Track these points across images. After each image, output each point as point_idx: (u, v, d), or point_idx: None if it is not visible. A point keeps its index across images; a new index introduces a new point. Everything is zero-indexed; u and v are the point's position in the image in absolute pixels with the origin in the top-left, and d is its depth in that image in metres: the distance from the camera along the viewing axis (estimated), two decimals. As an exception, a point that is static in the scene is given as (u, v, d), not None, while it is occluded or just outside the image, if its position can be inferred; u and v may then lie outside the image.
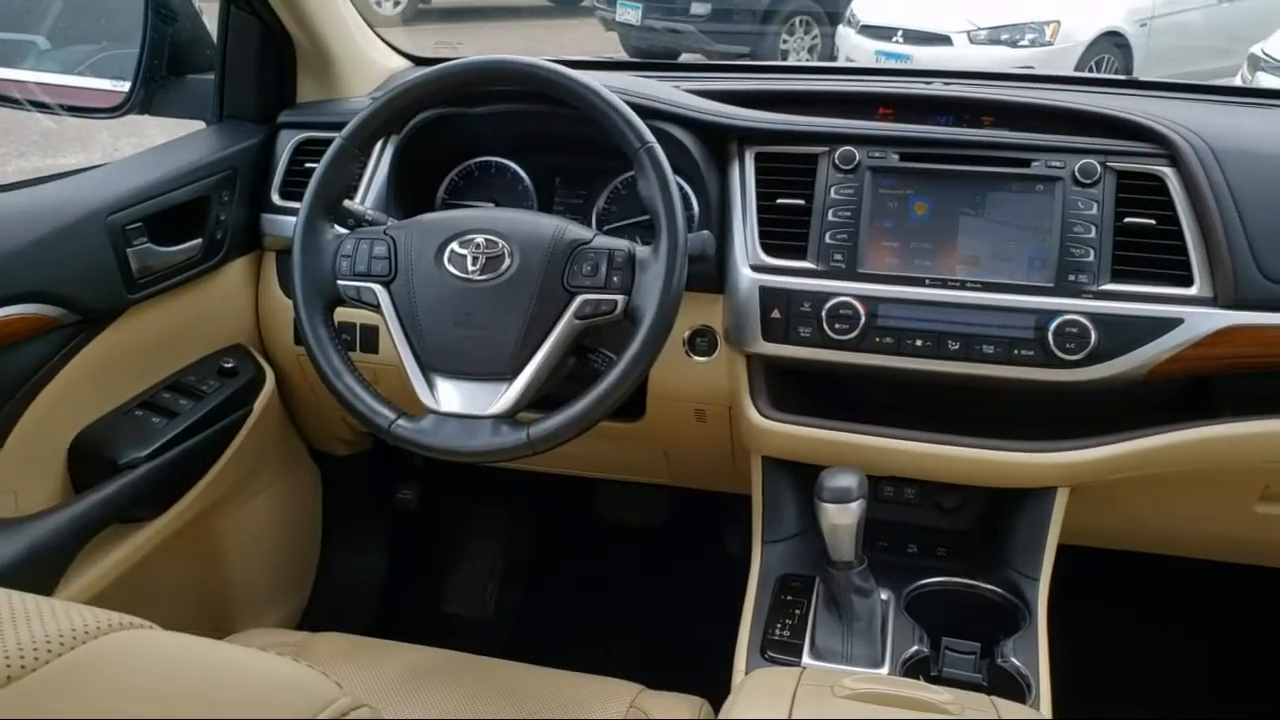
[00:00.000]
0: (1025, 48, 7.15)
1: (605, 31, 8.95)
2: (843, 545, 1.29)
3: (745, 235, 1.46)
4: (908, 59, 7.03)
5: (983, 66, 5.06)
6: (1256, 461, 1.40)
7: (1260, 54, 6.09)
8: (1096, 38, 7.33)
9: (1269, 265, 1.32)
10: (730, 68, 2.29)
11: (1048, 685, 1.26)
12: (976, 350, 1.37)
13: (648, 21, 8.36)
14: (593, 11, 9.41)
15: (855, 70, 1.97)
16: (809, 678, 1.06)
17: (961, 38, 7.22)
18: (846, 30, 7.65)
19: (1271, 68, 5.83)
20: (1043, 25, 7.19)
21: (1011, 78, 1.86)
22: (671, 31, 8.30)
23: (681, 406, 1.56)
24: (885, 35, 7.32)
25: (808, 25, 8.48)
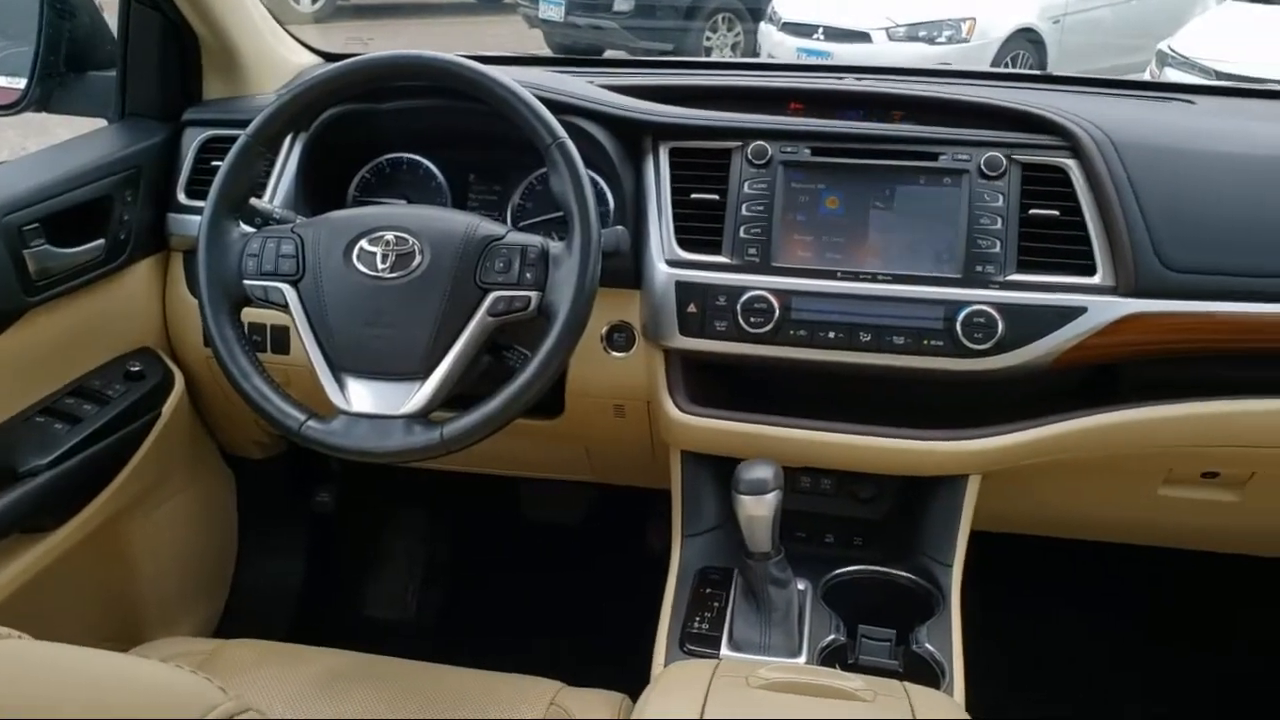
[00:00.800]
0: (942, 44, 7.28)
1: (529, 29, 8.90)
2: (759, 536, 1.30)
3: (661, 230, 1.46)
4: (828, 56, 7.10)
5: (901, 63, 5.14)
6: (1160, 445, 1.44)
7: (1167, 50, 6.26)
8: (1011, 34, 7.49)
9: (1168, 254, 1.36)
10: (645, 63, 2.29)
11: (961, 669, 1.28)
12: (887, 341, 1.39)
13: (571, 18, 8.35)
14: (516, 9, 9.35)
15: (768, 66, 1.99)
16: (724, 669, 1.06)
17: (880, 35, 7.32)
18: (768, 27, 7.71)
19: (1178, 63, 6.00)
20: (959, 22, 7.32)
21: (922, 73, 1.89)
22: (595, 28, 8.30)
23: (600, 402, 1.56)
24: (806, 32, 7.39)
25: (730, 22, 8.54)
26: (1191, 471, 1.49)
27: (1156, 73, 6.14)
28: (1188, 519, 1.58)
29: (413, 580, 2.16)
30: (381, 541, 2.19)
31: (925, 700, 1.01)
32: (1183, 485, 1.51)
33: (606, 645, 1.46)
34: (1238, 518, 1.55)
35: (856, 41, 7.27)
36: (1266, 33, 5.96)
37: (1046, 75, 1.81)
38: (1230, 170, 1.43)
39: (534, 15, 8.64)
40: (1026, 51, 7.55)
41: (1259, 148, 1.47)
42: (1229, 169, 1.43)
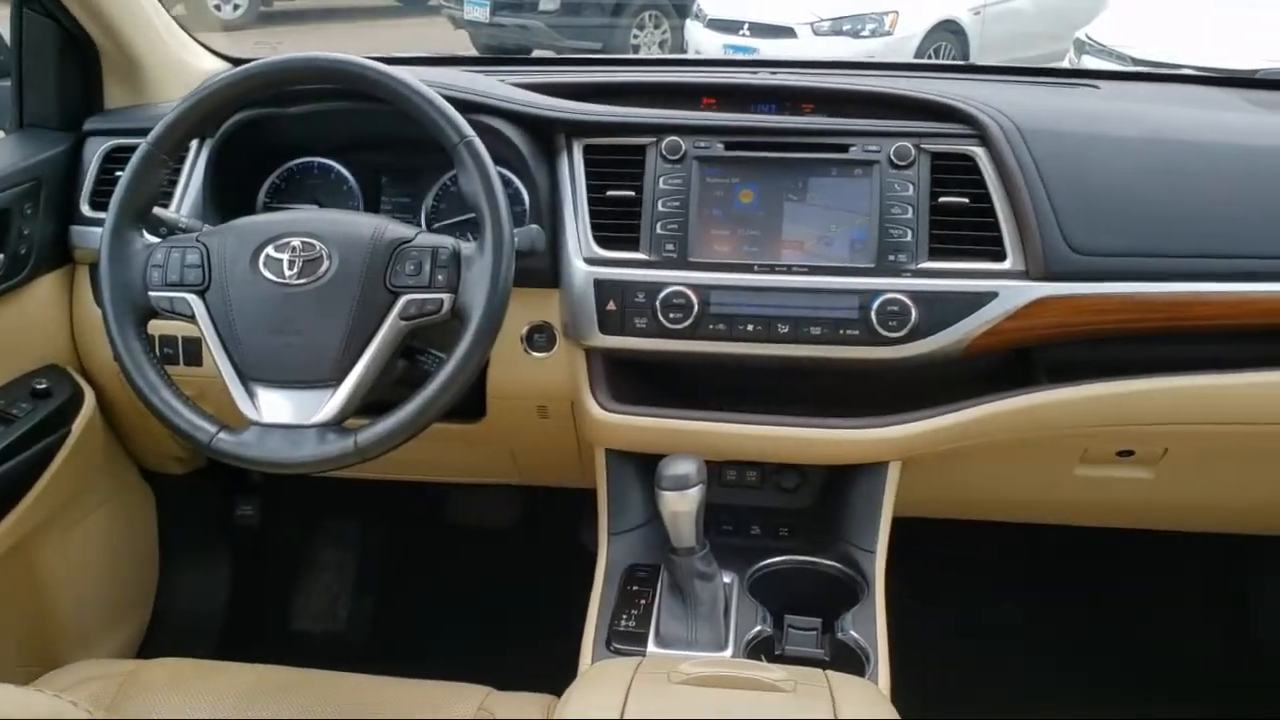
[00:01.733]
0: (867, 38, 7.35)
1: (455, 30, 8.84)
2: (684, 531, 1.31)
3: (577, 228, 1.46)
4: (754, 51, 7.14)
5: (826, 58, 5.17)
6: (1074, 426, 1.47)
7: (1085, 38, 6.38)
8: (934, 26, 7.59)
9: (1075, 238, 1.38)
10: (559, 61, 2.28)
11: (886, 655, 1.29)
12: (805, 332, 1.40)
13: (496, 19, 8.31)
14: (440, 10, 9.28)
15: (682, 61, 2.00)
16: (647, 666, 1.06)
17: (805, 29, 7.37)
18: (694, 24, 7.74)
19: (1095, 50, 6.11)
20: (882, 15, 7.40)
21: (834, 65, 1.90)
22: (521, 28, 8.27)
23: (523, 404, 1.55)
24: (732, 29, 7.42)
25: (657, 20, 8.56)
26: (1106, 450, 1.52)
27: (1075, 60, 6.24)
28: (1105, 497, 1.61)
29: (342, 591, 2.13)
30: (309, 553, 2.16)
31: (846, 688, 1.02)
32: (1098, 464, 1.54)
33: (539, 647, 1.45)
34: (1153, 494, 1.58)
35: (782, 37, 7.31)
36: (1177, 18, 6.10)
37: (955, 65, 1.84)
38: (1133, 153, 1.46)
39: (459, 16, 8.59)
40: (949, 43, 7.65)
41: (1160, 130, 1.50)
42: (1132, 152, 1.46)
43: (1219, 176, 1.44)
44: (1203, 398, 1.43)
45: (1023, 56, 7.32)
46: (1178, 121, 1.54)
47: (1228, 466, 1.54)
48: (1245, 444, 1.49)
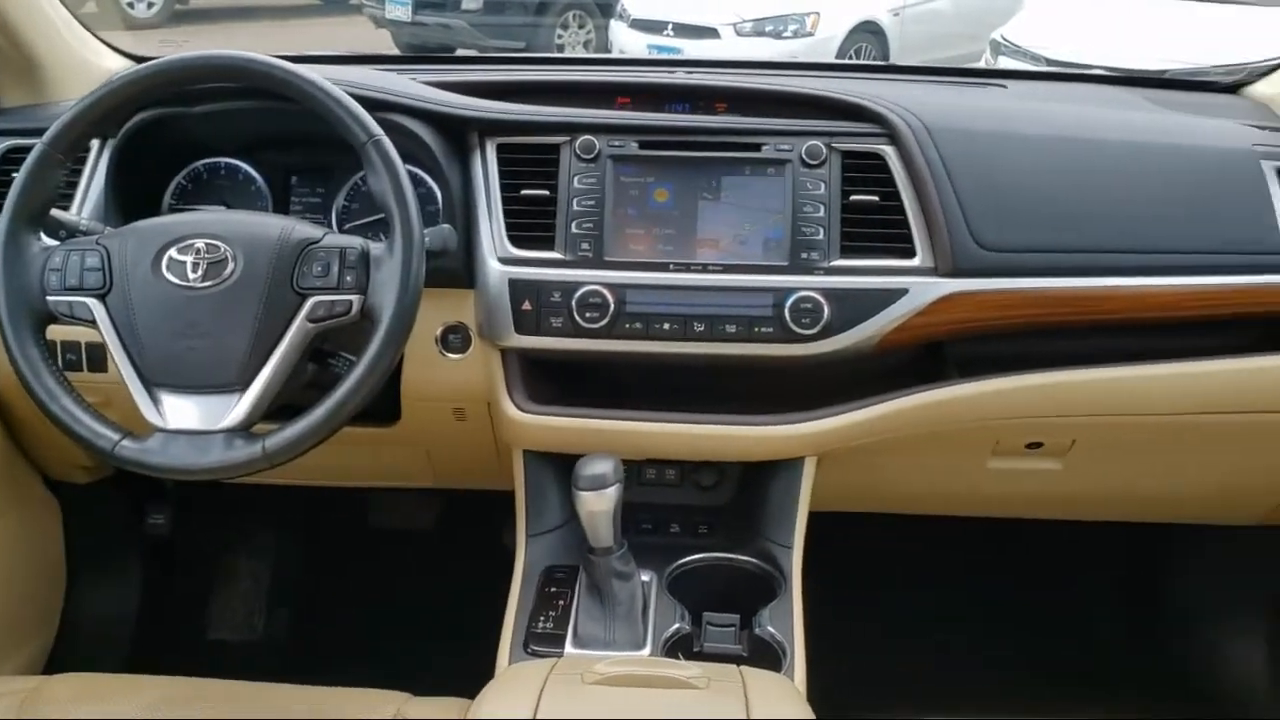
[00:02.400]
0: (789, 39, 7.43)
1: (376, 29, 8.73)
2: (601, 531, 1.30)
3: (491, 228, 1.45)
4: (679, 52, 7.17)
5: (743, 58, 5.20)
6: (984, 419, 1.49)
7: (1000, 39, 6.50)
8: (854, 27, 7.69)
9: (982, 235, 1.41)
10: (475, 60, 2.27)
11: (802, 649, 1.30)
12: (720, 330, 1.41)
13: (418, 18, 8.24)
14: (362, 9, 9.17)
15: (597, 60, 2.00)
16: (562, 667, 1.05)
17: (728, 30, 7.43)
18: (618, 24, 7.75)
19: (1010, 51, 6.23)
20: (803, 17, 7.49)
21: (749, 65, 1.92)
22: (443, 27, 8.21)
23: (439, 406, 1.53)
24: (656, 29, 7.45)
25: (581, 20, 8.54)
26: (1017, 443, 1.55)
27: (991, 60, 6.36)
28: (1016, 489, 1.64)
29: (259, 599, 2.09)
30: (224, 561, 2.11)
31: (759, 683, 1.02)
32: (1009, 456, 1.57)
33: (460, 651, 1.44)
34: (1062, 485, 1.61)
35: (705, 37, 7.36)
36: (1090, 20, 6.26)
37: (867, 65, 1.88)
38: (1039, 151, 1.49)
39: (380, 15, 8.50)
40: (869, 44, 7.76)
41: (1065, 128, 1.54)
42: (1038, 150, 1.49)
43: (1120, 174, 1.48)
44: (1107, 390, 1.47)
45: (941, 57, 7.45)
46: (1082, 120, 1.57)
47: (1133, 457, 1.58)
48: (1149, 435, 1.53)
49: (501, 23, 8.27)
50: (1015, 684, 1.70)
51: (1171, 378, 1.48)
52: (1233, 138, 1.53)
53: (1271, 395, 1.49)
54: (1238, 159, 1.49)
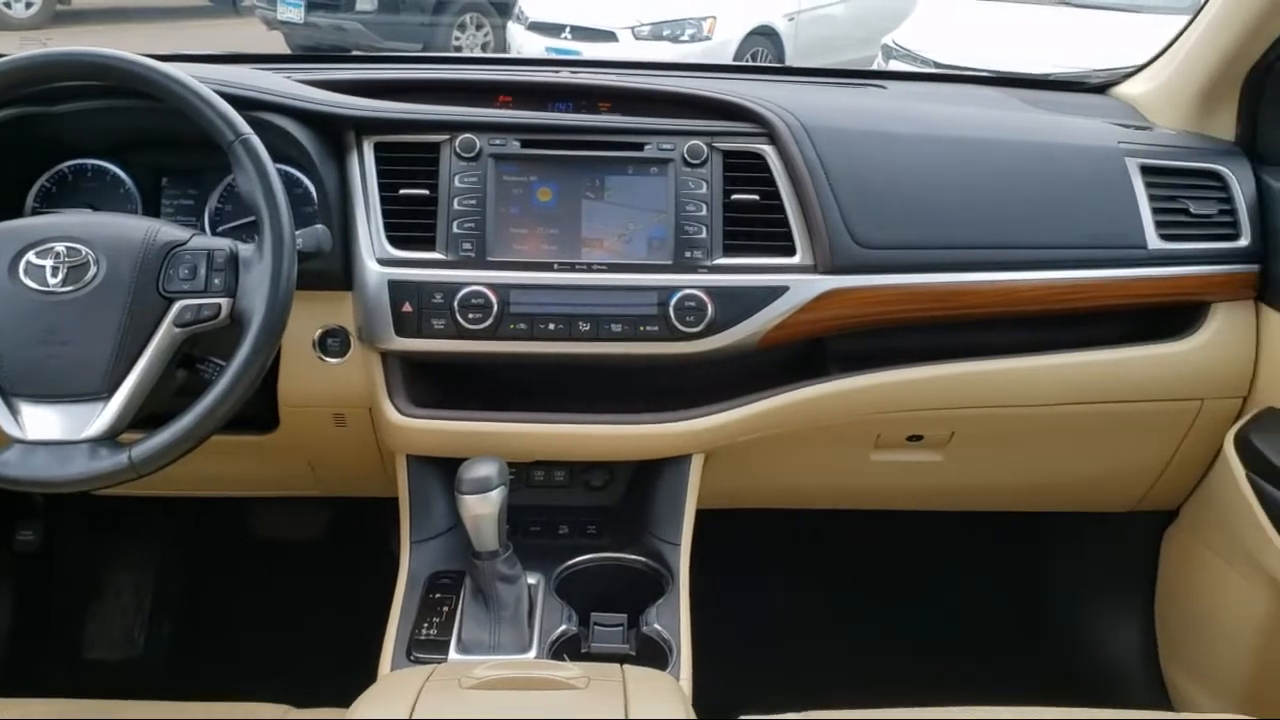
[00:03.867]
0: (686, 42, 7.48)
1: (269, 31, 8.54)
2: (485, 535, 1.29)
3: (369, 228, 1.42)
4: (577, 55, 7.16)
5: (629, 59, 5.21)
6: (865, 413, 1.52)
7: (891, 43, 6.64)
8: (750, 31, 7.78)
9: (860, 233, 1.44)
10: (355, 58, 2.23)
11: (688, 646, 1.30)
12: (606, 330, 1.40)
13: (311, 19, 8.10)
14: (253, 10, 8.96)
15: (480, 59, 1.98)
16: (441, 673, 1.04)
17: (626, 33, 7.44)
18: (516, 26, 7.71)
19: (900, 55, 6.37)
20: (700, 21, 7.54)
21: (633, 66, 1.92)
22: (337, 29, 8.08)
23: (318, 412, 1.50)
24: (553, 31, 7.43)
25: (479, 21, 8.49)
26: (897, 436, 1.58)
27: (883, 64, 6.49)
28: (899, 481, 1.67)
29: (139, 614, 2.02)
30: (100, 576, 2.03)
31: (639, 681, 1.02)
32: (891, 449, 1.60)
33: (346, 661, 1.41)
34: (942, 477, 1.65)
35: (603, 40, 7.36)
36: (977, 25, 6.43)
37: (749, 66, 1.89)
38: (915, 150, 1.52)
39: (272, 17, 8.32)
40: (765, 47, 7.86)
41: (940, 128, 1.57)
42: (914, 149, 1.53)
43: (992, 172, 1.52)
44: (983, 383, 1.51)
45: (836, 60, 7.57)
46: (955, 120, 1.61)
47: (1010, 448, 1.62)
48: (1024, 426, 1.57)
49: (397, 23, 8.17)
50: (900, 675, 1.73)
51: (1045, 370, 1.52)
52: (1099, 136, 1.59)
53: (1140, 385, 1.55)
54: (1104, 157, 1.54)
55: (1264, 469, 1.46)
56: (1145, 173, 1.52)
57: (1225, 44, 1.53)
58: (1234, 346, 1.54)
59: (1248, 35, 1.49)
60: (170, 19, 9.91)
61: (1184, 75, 1.63)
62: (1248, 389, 1.55)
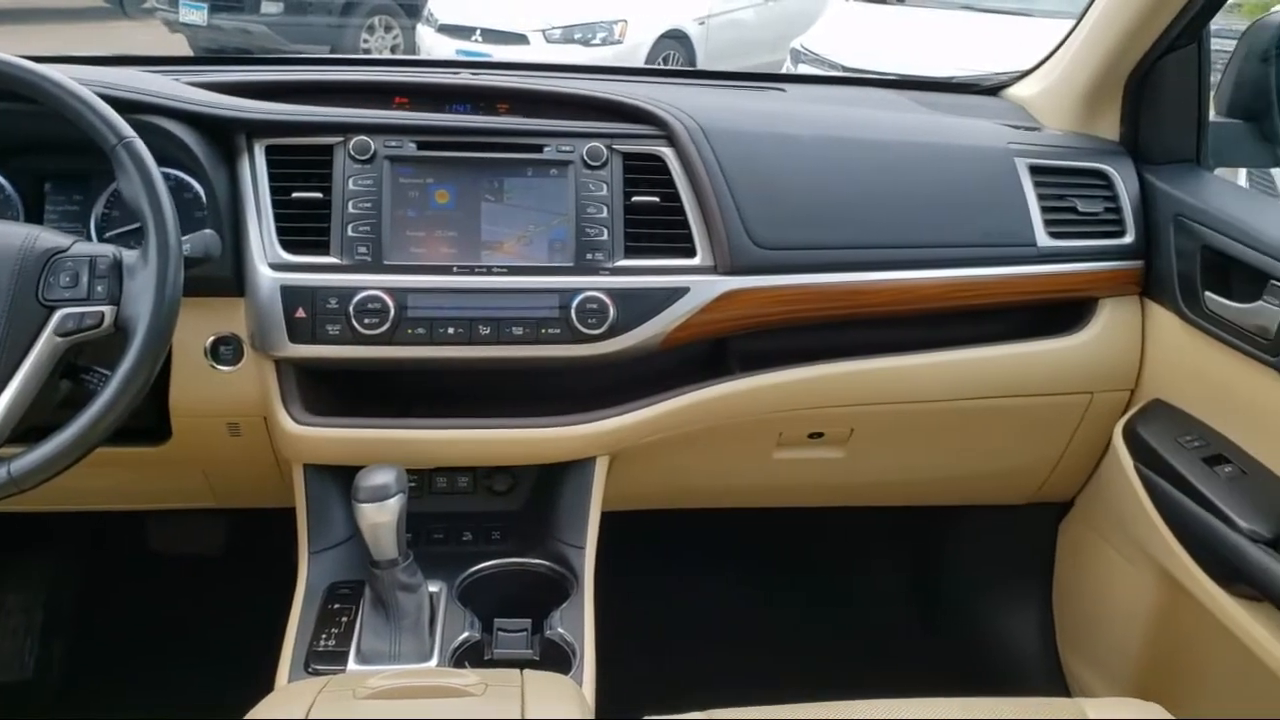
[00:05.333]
0: (598, 46, 7.49)
1: (171, 33, 8.34)
2: (384, 543, 1.27)
3: (261, 233, 1.39)
4: (488, 58, 7.12)
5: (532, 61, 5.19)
6: (767, 412, 1.53)
7: (800, 48, 6.72)
8: (662, 35, 7.82)
9: (758, 234, 1.45)
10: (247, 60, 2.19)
11: (592, 650, 1.30)
12: (507, 333, 1.39)
13: (215, 21, 7.94)
14: (154, 12, 8.74)
15: (377, 61, 1.96)
16: (335, 684, 1.02)
17: (538, 36, 7.43)
18: (425, 29, 7.65)
19: (808, 59, 6.45)
20: (612, 25, 7.56)
21: (534, 67, 1.92)
22: (242, 32, 7.92)
23: (212, 422, 1.46)
24: (464, 34, 7.39)
25: (389, 25, 8.39)
26: (799, 434, 1.60)
27: (792, 68, 6.57)
28: (802, 478, 1.69)
29: (30, 634, 1.94)
30: None
31: (538, 685, 1.01)
32: (793, 447, 1.62)
33: (245, 676, 1.38)
34: (844, 473, 1.67)
35: (514, 43, 7.34)
36: (883, 29, 6.55)
37: (651, 69, 1.90)
38: (812, 151, 1.54)
39: (174, 19, 8.13)
40: (677, 51, 7.90)
41: (837, 129, 1.60)
42: (811, 150, 1.54)
43: (887, 172, 1.54)
44: (880, 379, 1.53)
45: (746, 64, 7.65)
46: (851, 121, 1.63)
47: (909, 443, 1.65)
48: (922, 421, 1.60)
49: (304, 26, 8.04)
50: (805, 670, 1.75)
51: (941, 366, 1.55)
52: (990, 137, 1.62)
53: (1032, 379, 1.59)
54: (994, 157, 1.58)
55: (1150, 460, 1.51)
56: (1034, 172, 1.56)
57: (1107, 47, 1.58)
58: (1121, 341, 1.59)
59: (1127, 39, 1.54)
60: (67, 20, 9.59)
61: (1070, 78, 1.67)
62: (1135, 382, 1.60)
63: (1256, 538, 1.32)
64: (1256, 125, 1.60)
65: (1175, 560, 1.45)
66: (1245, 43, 1.58)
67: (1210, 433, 1.48)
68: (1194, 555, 1.42)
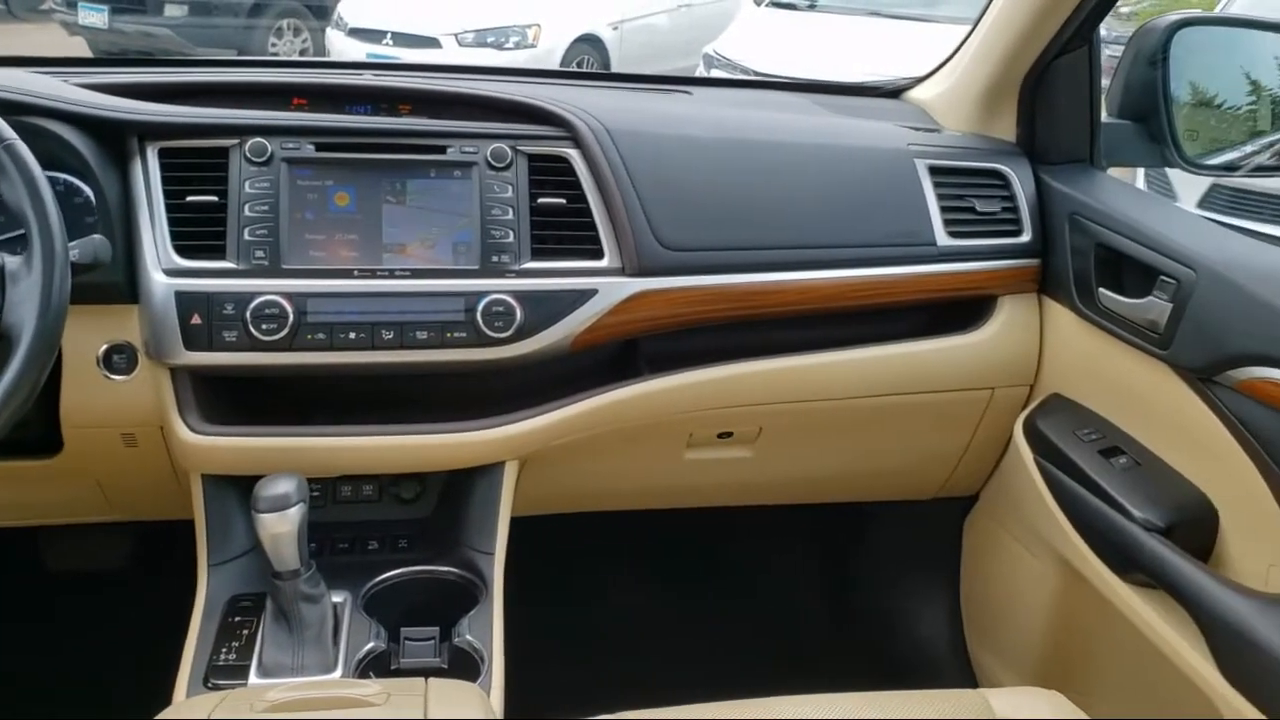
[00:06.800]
0: (511, 49, 7.47)
1: (70, 36, 8.10)
2: (285, 554, 1.24)
3: (154, 238, 1.35)
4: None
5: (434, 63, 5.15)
6: (676, 412, 1.54)
7: (712, 53, 6.79)
8: (576, 40, 7.82)
9: (665, 235, 1.45)
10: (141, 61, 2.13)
11: (500, 656, 1.29)
12: (411, 337, 1.37)
13: (116, 24, 7.73)
14: (52, 15, 8.49)
15: (275, 62, 1.92)
16: (234, 697, 0.99)
17: (450, 40, 7.38)
18: (335, 32, 7.54)
19: (721, 64, 6.52)
20: (525, 29, 7.55)
21: (436, 69, 1.90)
22: (145, 35, 7.73)
23: (107, 433, 1.42)
24: (374, 38, 7.31)
25: (297, 29, 8.26)
26: (709, 434, 1.60)
27: (704, 73, 6.63)
28: (712, 478, 1.70)
29: None
30: None
31: (442, 692, 1.00)
32: (703, 447, 1.62)
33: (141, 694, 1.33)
34: (754, 472, 1.68)
35: (426, 47, 7.28)
36: (792, 34, 6.64)
37: (558, 71, 1.91)
38: (716, 153, 1.55)
39: (73, 22, 7.90)
40: (591, 55, 7.92)
41: (740, 131, 1.61)
42: (715, 153, 1.55)
43: (790, 174, 1.56)
44: (787, 378, 1.55)
45: (659, 69, 7.69)
46: (755, 124, 1.65)
47: (817, 441, 1.66)
48: (828, 419, 1.62)
49: (210, 28, 7.88)
50: (719, 669, 1.76)
51: (846, 364, 1.57)
52: (891, 139, 1.65)
53: (935, 376, 1.62)
54: (895, 158, 1.60)
55: (1049, 453, 1.54)
56: (933, 173, 1.59)
57: (1001, 51, 1.61)
58: (1020, 337, 1.62)
59: (1020, 42, 1.57)
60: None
61: (967, 81, 1.71)
62: (1034, 377, 1.64)
63: (1150, 527, 1.36)
64: (1145, 126, 1.64)
65: (1074, 551, 1.48)
66: (1133, 46, 1.63)
67: (1106, 425, 1.52)
68: (1092, 545, 1.45)
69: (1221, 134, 1.81)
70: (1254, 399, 1.27)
